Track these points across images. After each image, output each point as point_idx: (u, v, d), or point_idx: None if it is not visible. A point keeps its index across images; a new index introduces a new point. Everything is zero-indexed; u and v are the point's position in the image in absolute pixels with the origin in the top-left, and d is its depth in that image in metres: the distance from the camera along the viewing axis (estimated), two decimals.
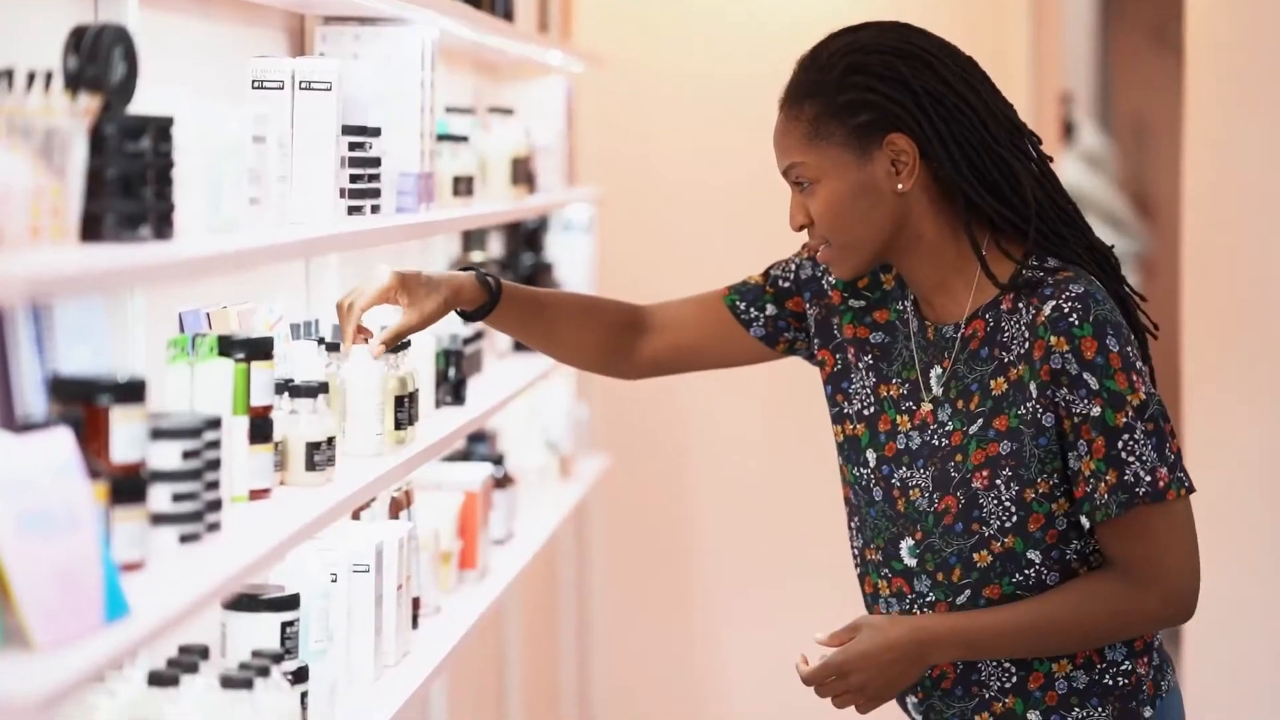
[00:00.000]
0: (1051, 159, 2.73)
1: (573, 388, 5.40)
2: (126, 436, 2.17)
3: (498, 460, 4.31)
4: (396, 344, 2.94)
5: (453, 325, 3.76)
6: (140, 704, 2.34)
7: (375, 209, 3.18)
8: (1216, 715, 4.64)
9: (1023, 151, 2.68)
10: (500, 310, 2.90)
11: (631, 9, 6.09)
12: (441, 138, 3.74)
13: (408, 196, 3.41)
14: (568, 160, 5.26)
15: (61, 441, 2.02)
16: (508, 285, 2.91)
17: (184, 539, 2.30)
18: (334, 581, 3.04)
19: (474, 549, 3.90)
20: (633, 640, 6.21)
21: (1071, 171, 8.60)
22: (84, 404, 2.15)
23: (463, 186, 3.86)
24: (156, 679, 2.34)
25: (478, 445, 4.43)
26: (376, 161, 3.18)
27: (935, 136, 2.63)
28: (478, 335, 4.09)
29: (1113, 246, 2.73)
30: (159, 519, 2.27)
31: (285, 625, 2.76)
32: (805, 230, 2.71)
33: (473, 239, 4.78)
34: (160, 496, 2.27)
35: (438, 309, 2.87)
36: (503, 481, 4.24)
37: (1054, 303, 2.60)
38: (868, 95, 2.63)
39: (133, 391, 2.17)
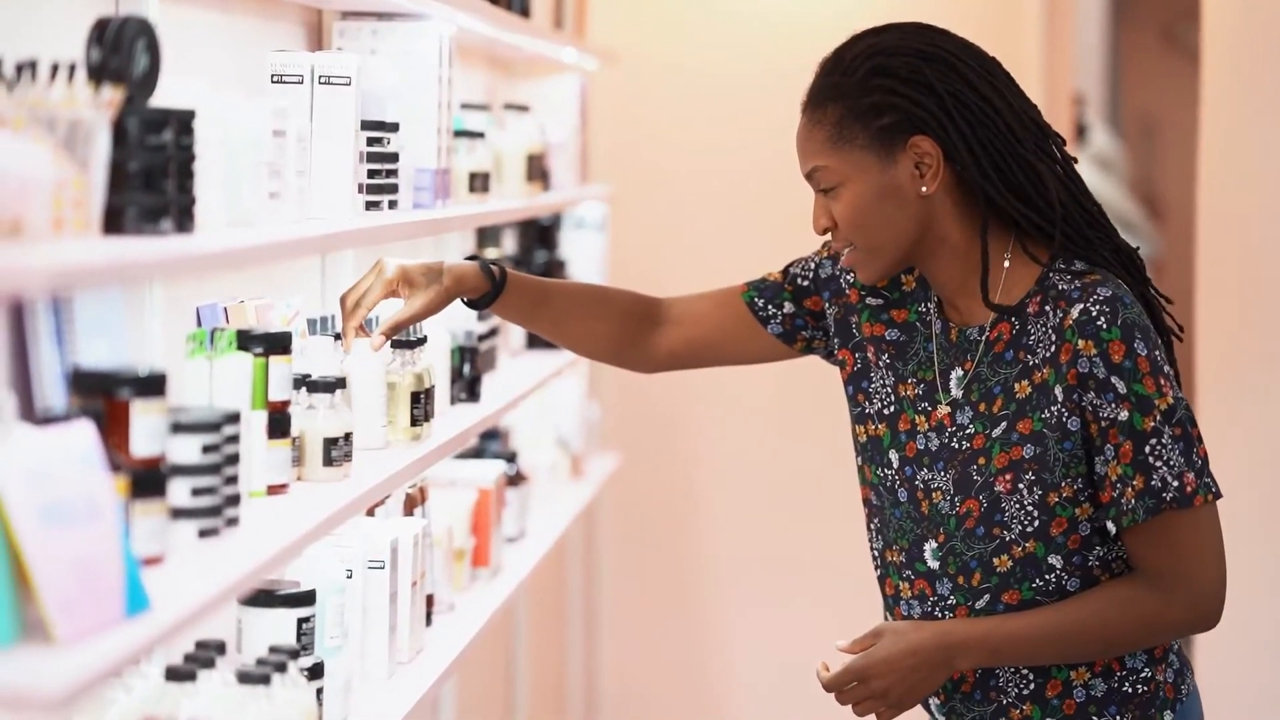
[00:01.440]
0: (1075, 160, 2.71)
1: (584, 386, 5.39)
2: (147, 430, 2.16)
3: (511, 458, 4.30)
4: (396, 335, 2.93)
5: (468, 322, 3.76)
6: (157, 699, 2.33)
7: (393, 204, 3.18)
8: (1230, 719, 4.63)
9: (1047, 154, 2.66)
10: (505, 300, 2.89)
11: (645, 7, 6.08)
12: (458, 134, 3.74)
13: (424, 192, 3.40)
14: (581, 157, 5.25)
15: (83, 434, 2.01)
16: (513, 274, 2.90)
17: (203, 534, 2.29)
18: (349, 578, 3.03)
19: (487, 546, 3.90)
20: (641, 639, 6.20)
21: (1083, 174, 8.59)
22: (104, 397, 2.14)
23: (478, 183, 3.86)
24: (173, 674, 2.34)
25: (490, 442, 4.42)
26: (394, 157, 3.17)
27: (959, 139, 2.62)
28: (492, 332, 4.08)
29: (1138, 248, 2.72)
30: (178, 513, 2.26)
31: (301, 621, 2.75)
32: (829, 234, 2.70)
33: (487, 235, 4.77)
34: (180, 491, 2.26)
35: (438, 299, 2.85)
36: (515, 479, 4.23)
37: (1082, 305, 2.58)
38: (891, 98, 2.62)
39: (153, 385, 2.17)
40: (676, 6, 6.08)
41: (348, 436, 2.82)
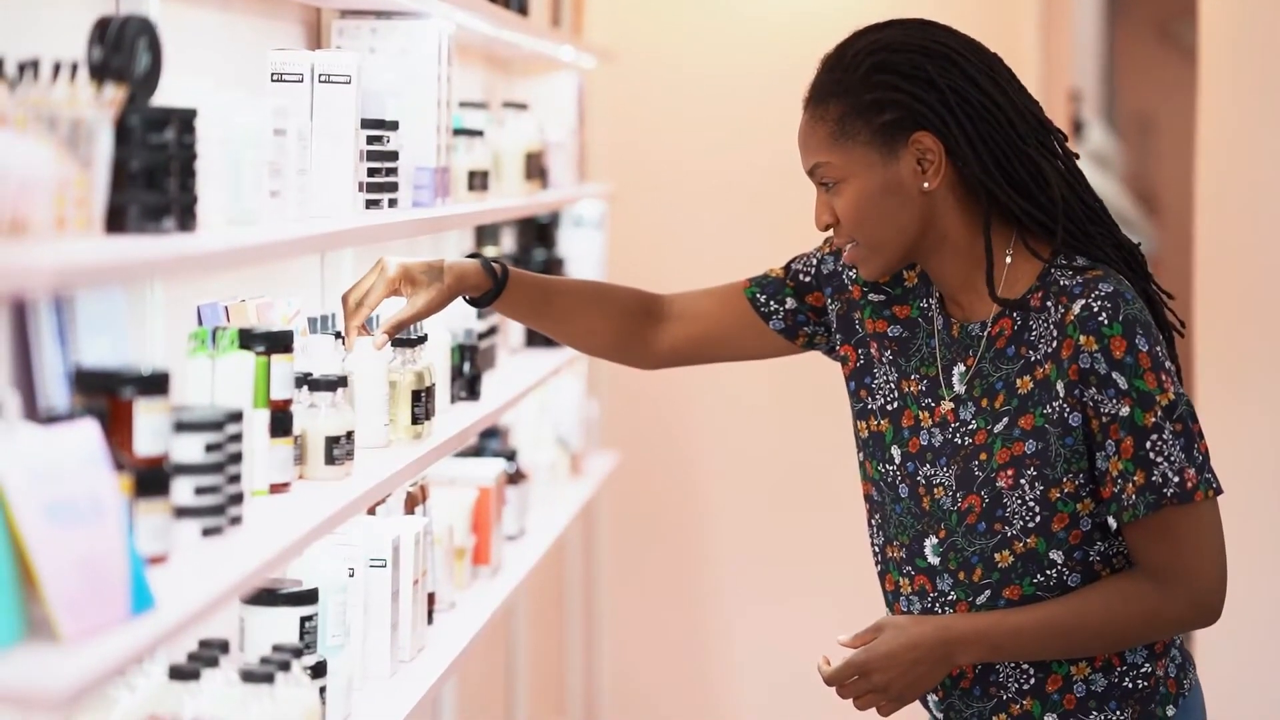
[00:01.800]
0: (1077, 155, 2.71)
1: (583, 385, 5.39)
2: (150, 429, 2.16)
3: (510, 456, 4.30)
4: (398, 334, 2.92)
5: (468, 320, 3.76)
6: (160, 698, 2.33)
7: (393, 203, 3.18)
8: (1229, 716, 4.63)
9: (1049, 149, 2.67)
10: (507, 297, 2.89)
11: (642, 5, 6.08)
12: (457, 132, 3.73)
13: (424, 191, 3.40)
14: (579, 156, 5.25)
15: (87, 433, 2.01)
16: (515, 272, 2.90)
17: (206, 532, 2.29)
18: (351, 576, 3.03)
19: (487, 545, 3.90)
20: (640, 636, 6.20)
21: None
22: (108, 396, 2.14)
23: (477, 181, 3.86)
24: (177, 673, 2.34)
25: (490, 440, 4.42)
26: (394, 155, 3.17)
27: (961, 135, 2.62)
28: (492, 330, 4.08)
29: (1139, 244, 2.72)
30: (182, 512, 2.26)
31: (304, 620, 2.75)
32: (831, 230, 2.70)
33: (486, 234, 4.78)
34: (183, 489, 2.26)
35: (440, 297, 2.85)
36: (515, 477, 4.23)
37: (1083, 301, 2.58)
38: (893, 94, 2.62)
39: (156, 384, 2.17)
40: (673, 4, 6.08)
41: (349, 435, 2.82)
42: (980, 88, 2.62)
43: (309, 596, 2.77)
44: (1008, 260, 2.67)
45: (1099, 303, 2.58)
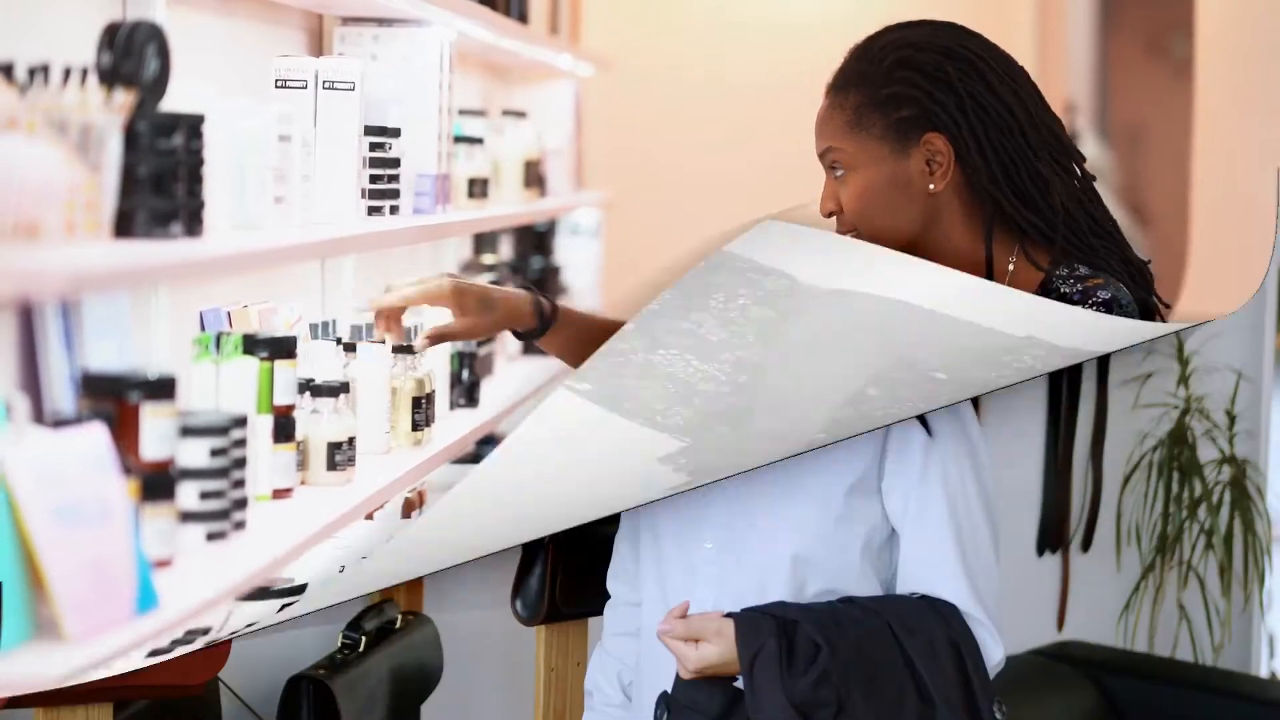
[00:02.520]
0: (1095, 178, 2.71)
1: None
2: (156, 434, 2.16)
3: None
4: (434, 345, 2.88)
5: None
6: None
7: (394, 210, 3.18)
8: None
9: (1063, 167, 2.67)
10: (550, 336, 2.85)
11: (639, 12, 6.09)
12: (457, 139, 3.74)
13: (425, 198, 3.41)
14: (576, 164, 5.25)
15: (95, 437, 2.01)
16: (563, 310, 2.86)
17: (211, 536, 2.30)
18: (341, 573, 3.03)
19: None
20: None
21: None
22: (115, 400, 2.15)
23: (477, 189, 3.86)
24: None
25: (486, 447, 4.42)
26: (396, 162, 3.18)
27: (973, 141, 2.62)
28: (489, 338, 4.08)
29: (1149, 262, 2.72)
30: (187, 516, 2.26)
31: None
32: (834, 217, 2.71)
33: (484, 242, 4.78)
34: (188, 494, 2.26)
35: (489, 327, 2.80)
36: None
37: (1080, 308, 2.59)
38: (912, 91, 2.62)
39: (163, 389, 2.17)
40: (670, 12, 6.08)
41: (351, 441, 2.82)
42: (999, 96, 2.63)
43: (299, 592, 2.77)
44: (1010, 268, 2.68)
45: (1095, 309, 2.58)
